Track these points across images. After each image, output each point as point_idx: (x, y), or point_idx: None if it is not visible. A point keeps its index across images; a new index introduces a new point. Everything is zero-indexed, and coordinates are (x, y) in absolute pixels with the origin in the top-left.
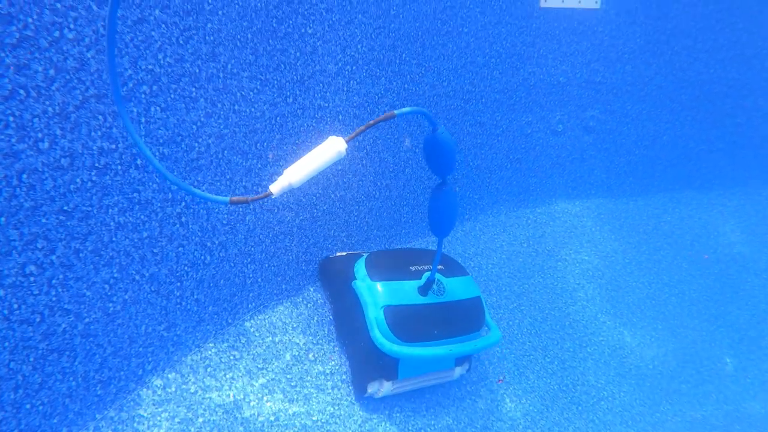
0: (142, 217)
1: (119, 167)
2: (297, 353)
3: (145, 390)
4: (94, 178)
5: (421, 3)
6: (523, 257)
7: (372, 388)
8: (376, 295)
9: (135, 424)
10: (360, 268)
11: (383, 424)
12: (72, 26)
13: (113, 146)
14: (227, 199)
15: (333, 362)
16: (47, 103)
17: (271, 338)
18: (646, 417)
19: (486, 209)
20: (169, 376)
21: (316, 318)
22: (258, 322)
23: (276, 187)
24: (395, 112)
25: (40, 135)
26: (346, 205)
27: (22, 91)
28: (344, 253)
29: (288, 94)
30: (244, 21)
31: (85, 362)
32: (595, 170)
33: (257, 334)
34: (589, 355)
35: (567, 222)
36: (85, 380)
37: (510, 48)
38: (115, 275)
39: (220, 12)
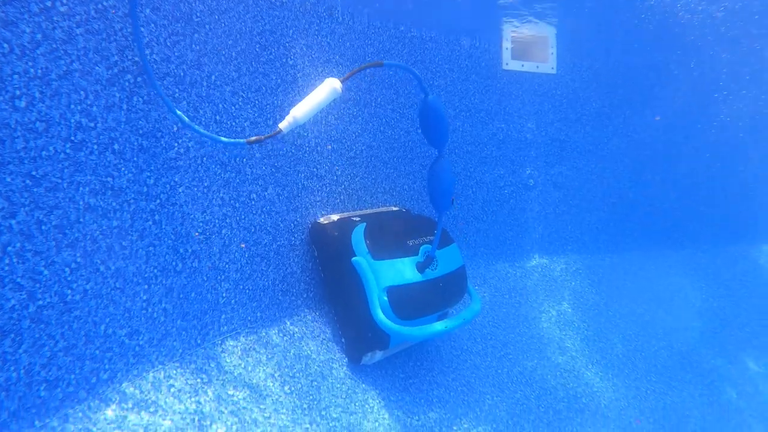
0: (114, 204)
1: (95, 146)
2: (272, 385)
3: (97, 402)
4: (68, 151)
5: (393, 55)
6: (506, 308)
7: (366, 359)
8: (379, 275)
9: None
10: (359, 241)
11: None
12: (65, 1)
13: (92, 124)
14: (243, 140)
15: (311, 397)
16: (30, 64)
17: (243, 366)
18: None
19: (466, 260)
20: (128, 390)
21: (292, 351)
22: (230, 348)
23: (284, 124)
24: (384, 61)
25: (18, 93)
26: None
27: (6, 45)
28: (336, 218)
29: (268, 116)
30: (229, 39)
31: (32, 352)
32: (568, 226)
33: (228, 360)
34: (585, 407)
35: (546, 275)
36: (27, 374)
37: (478, 104)
38: (78, 260)
39: (206, 26)
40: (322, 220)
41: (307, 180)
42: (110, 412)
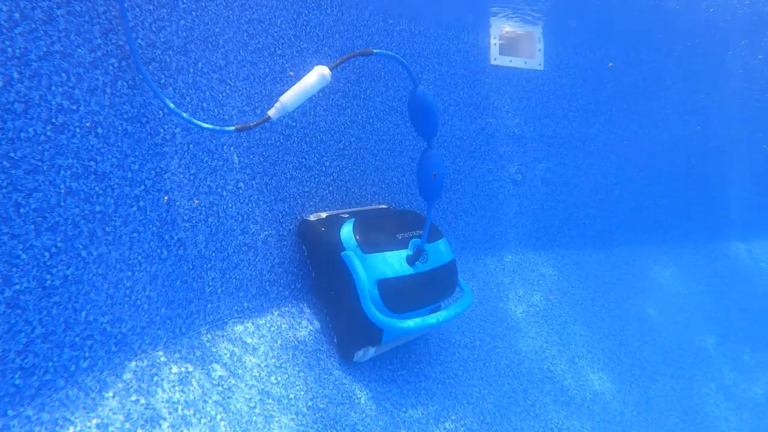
0: (97, 189)
1: (77, 130)
2: (258, 375)
3: (75, 390)
4: (48, 133)
5: (382, 47)
6: (494, 302)
7: (358, 355)
8: (369, 268)
9: (57, 429)
10: (348, 236)
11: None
12: None
13: (74, 107)
14: (233, 128)
15: (297, 387)
16: (7, 43)
17: (229, 356)
18: None
19: (455, 254)
20: (108, 379)
21: (279, 341)
22: (216, 337)
23: (273, 111)
24: (374, 50)
25: None
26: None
27: None
28: (324, 215)
29: (256, 105)
30: (216, 27)
31: (6, 339)
32: (556, 221)
33: (214, 350)
34: (571, 400)
35: (535, 271)
36: (1, 362)
37: (467, 98)
38: (59, 244)
39: (193, 13)
40: (310, 217)
41: (296, 170)
42: (89, 401)
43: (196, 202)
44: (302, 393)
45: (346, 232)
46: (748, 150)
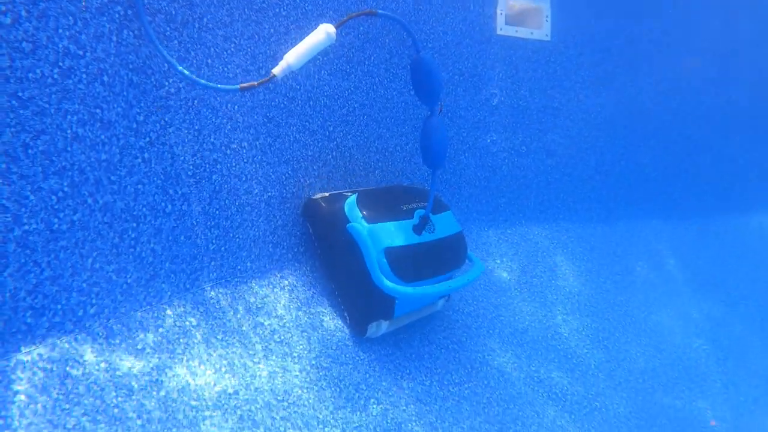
0: (103, 137)
1: (84, 76)
2: (261, 332)
3: (84, 335)
4: (55, 76)
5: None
6: (498, 272)
7: (371, 330)
8: (376, 237)
9: (68, 368)
10: (353, 209)
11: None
12: None
13: (80, 52)
14: (237, 86)
15: (301, 346)
16: None
17: (233, 313)
18: (642, 429)
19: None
20: (115, 327)
21: (283, 302)
22: (219, 294)
23: (278, 69)
24: (378, 11)
25: (3, 8)
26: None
27: None
28: (326, 194)
29: (260, 65)
30: None
31: (17, 277)
32: (561, 195)
33: (218, 306)
34: (576, 366)
35: (539, 243)
36: (13, 299)
37: (471, 68)
38: (66, 189)
39: None
40: (315, 196)
41: (299, 133)
42: (97, 346)
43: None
44: (306, 352)
45: (350, 204)
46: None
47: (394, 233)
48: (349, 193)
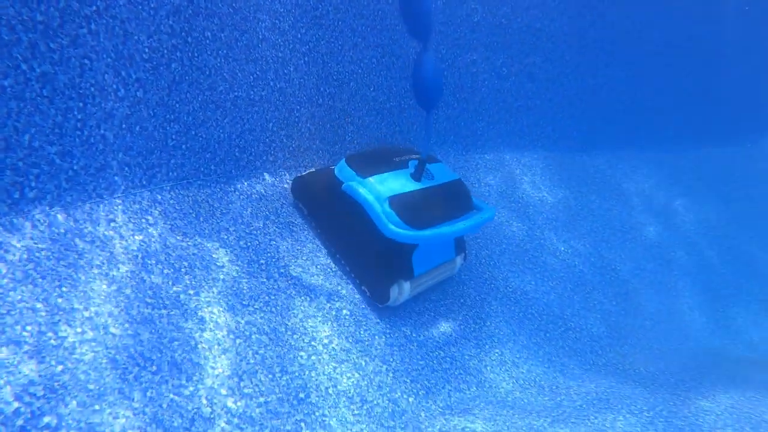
0: None
1: None
2: (225, 237)
3: (21, 220)
4: None
5: None
6: (480, 196)
7: (393, 293)
8: (376, 189)
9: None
10: (344, 170)
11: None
12: None
13: None
14: None
15: (268, 254)
16: None
17: (194, 215)
18: (615, 348)
19: (436, 148)
20: (59, 215)
21: (249, 210)
22: (180, 196)
23: None
24: None
25: None
26: (286, 99)
27: None
28: (313, 170)
29: None
30: None
31: None
32: (540, 121)
33: (178, 208)
34: (552, 289)
35: (517, 169)
36: None
37: None
38: None
39: None
40: (303, 174)
41: (268, 32)
42: (37, 233)
43: None
44: (273, 260)
45: (340, 167)
46: (745, 52)
47: (393, 183)
48: (341, 159)
